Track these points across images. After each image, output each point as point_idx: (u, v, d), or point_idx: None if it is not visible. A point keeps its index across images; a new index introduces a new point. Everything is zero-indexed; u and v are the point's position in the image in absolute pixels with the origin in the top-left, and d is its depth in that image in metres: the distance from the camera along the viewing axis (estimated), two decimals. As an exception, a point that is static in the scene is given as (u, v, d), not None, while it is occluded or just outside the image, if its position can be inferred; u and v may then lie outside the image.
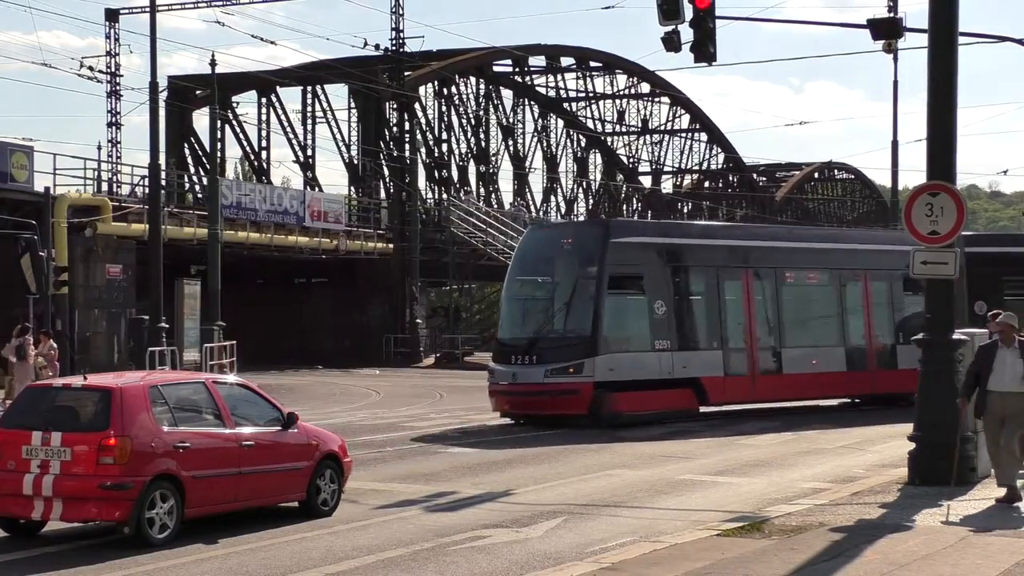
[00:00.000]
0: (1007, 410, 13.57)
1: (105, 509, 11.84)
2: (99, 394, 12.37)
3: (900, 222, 15.63)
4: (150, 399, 12.39)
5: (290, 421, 13.71)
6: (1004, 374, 13.57)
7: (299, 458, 13.64)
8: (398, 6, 56.92)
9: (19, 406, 13.16)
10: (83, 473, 11.82)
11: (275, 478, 13.40)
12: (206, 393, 13.14)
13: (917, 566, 10.33)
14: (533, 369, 23.75)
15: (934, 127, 15.06)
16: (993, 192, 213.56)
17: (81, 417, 12.37)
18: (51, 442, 11.97)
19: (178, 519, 12.20)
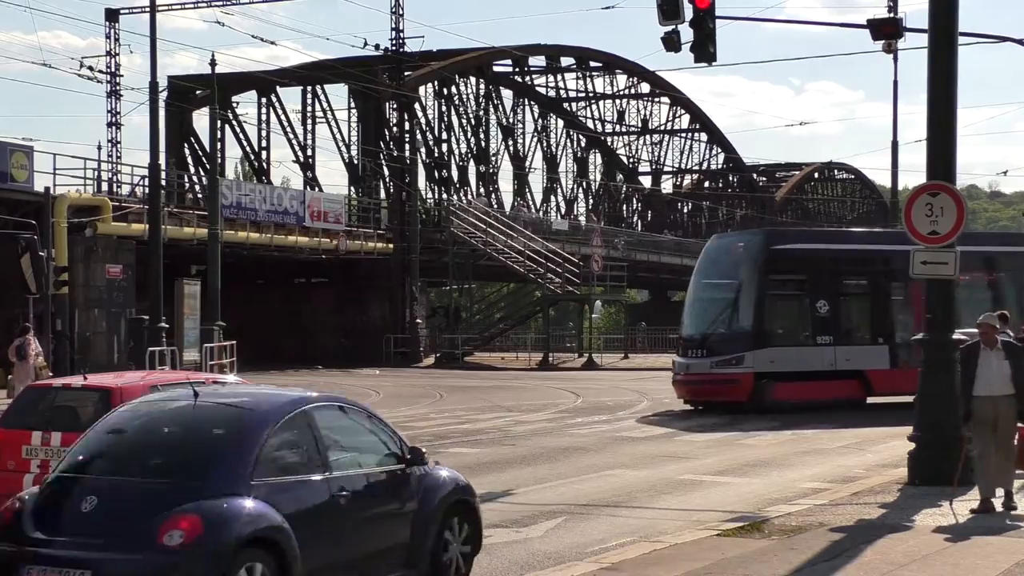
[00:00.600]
0: (998, 415, 13.06)
1: None
2: (99, 394, 12.12)
3: (901, 222, 15.62)
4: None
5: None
6: (992, 377, 13.03)
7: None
8: (398, 6, 56.95)
9: (19, 406, 12.98)
10: None
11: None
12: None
13: (917, 566, 10.33)
14: (702, 361, 27.11)
15: (934, 127, 15.06)
16: (993, 192, 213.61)
17: (81, 417, 11.98)
18: (51, 442, 11.82)
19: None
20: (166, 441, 8.98)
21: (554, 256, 52.79)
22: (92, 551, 7.99)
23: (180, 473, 8.46)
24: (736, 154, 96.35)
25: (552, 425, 24.55)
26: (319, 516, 8.76)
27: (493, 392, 34.59)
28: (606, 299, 65.06)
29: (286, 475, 8.70)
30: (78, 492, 8.44)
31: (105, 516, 8.21)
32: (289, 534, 8.39)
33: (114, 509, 8.25)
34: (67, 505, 8.38)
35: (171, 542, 7.90)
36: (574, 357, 54.32)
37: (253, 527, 8.19)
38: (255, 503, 8.29)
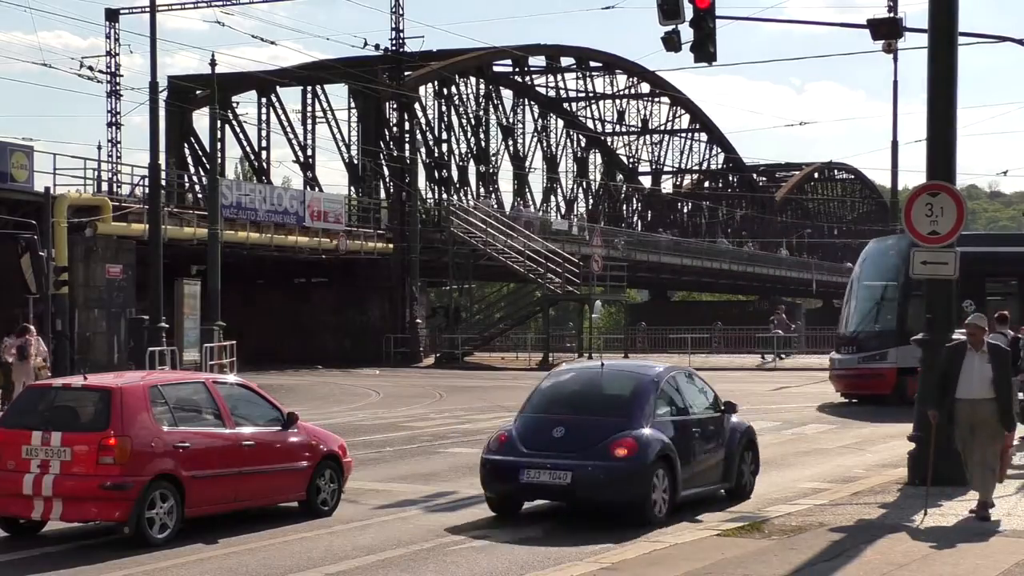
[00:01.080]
0: (976, 419, 12.70)
1: (105, 509, 11.82)
2: (99, 394, 12.35)
3: (900, 222, 15.61)
4: (150, 399, 12.38)
5: (290, 421, 13.72)
6: (973, 380, 12.67)
7: (299, 458, 13.66)
8: (398, 6, 56.93)
9: (19, 406, 13.19)
10: (83, 473, 11.79)
11: (275, 478, 13.41)
12: (206, 393, 13.12)
13: (917, 566, 10.33)
14: (851, 357, 29.48)
15: (934, 127, 15.07)
16: (993, 192, 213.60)
17: (81, 417, 12.34)
18: (51, 442, 11.96)
19: (178, 519, 12.16)
20: (597, 393, 13.85)
21: (554, 256, 52.78)
22: (569, 459, 12.78)
23: (613, 413, 13.24)
24: (736, 154, 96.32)
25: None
26: (684, 442, 13.50)
27: (493, 392, 34.58)
28: (606, 299, 65.04)
29: (666, 417, 13.47)
30: (547, 425, 13.26)
31: (572, 439, 12.98)
32: (675, 452, 13.15)
33: (577, 435, 13.01)
34: (542, 433, 13.19)
35: (619, 455, 12.73)
36: (574, 357, 54.29)
37: (661, 447, 12.99)
38: (657, 433, 13.09)
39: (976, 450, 12.79)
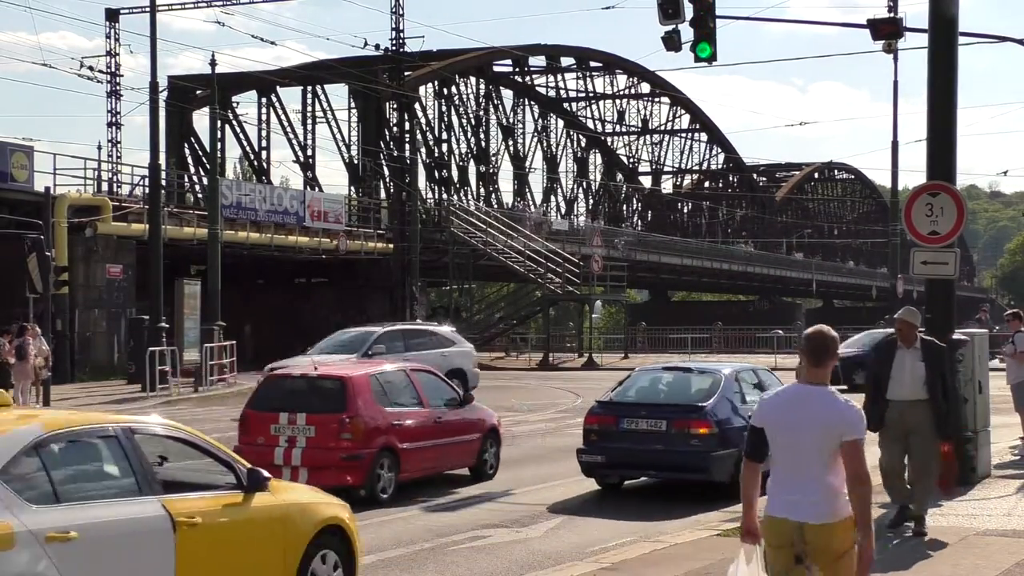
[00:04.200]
0: (909, 422, 11.57)
1: (344, 475, 14.17)
2: (335, 382, 15.15)
3: (900, 222, 15.62)
4: (371, 385, 15.19)
5: (466, 401, 16.74)
6: (904, 379, 11.59)
7: (473, 431, 16.61)
8: (398, 6, 56.92)
9: (264, 392, 15.73)
10: (325, 446, 14.39)
11: (459, 447, 16.28)
12: (407, 379, 16.00)
13: (917, 566, 10.33)
14: None
15: (934, 127, 15.06)
16: (993, 192, 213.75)
17: (321, 401, 14.98)
18: (296, 421, 14.66)
19: (395, 483, 14.81)
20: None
21: (554, 256, 52.77)
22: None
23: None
24: (736, 154, 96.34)
25: (552, 425, 24.54)
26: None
27: (493, 392, 34.55)
28: (606, 299, 65.04)
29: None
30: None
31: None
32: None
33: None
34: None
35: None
36: (574, 357, 54.31)
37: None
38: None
39: (912, 458, 11.71)
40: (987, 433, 14.97)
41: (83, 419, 7.71)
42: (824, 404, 6.25)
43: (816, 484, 6.25)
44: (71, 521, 6.91)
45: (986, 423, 14.94)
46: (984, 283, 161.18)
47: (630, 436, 14.89)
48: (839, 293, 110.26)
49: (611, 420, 15.17)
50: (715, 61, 19.19)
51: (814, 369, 6.39)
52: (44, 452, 7.08)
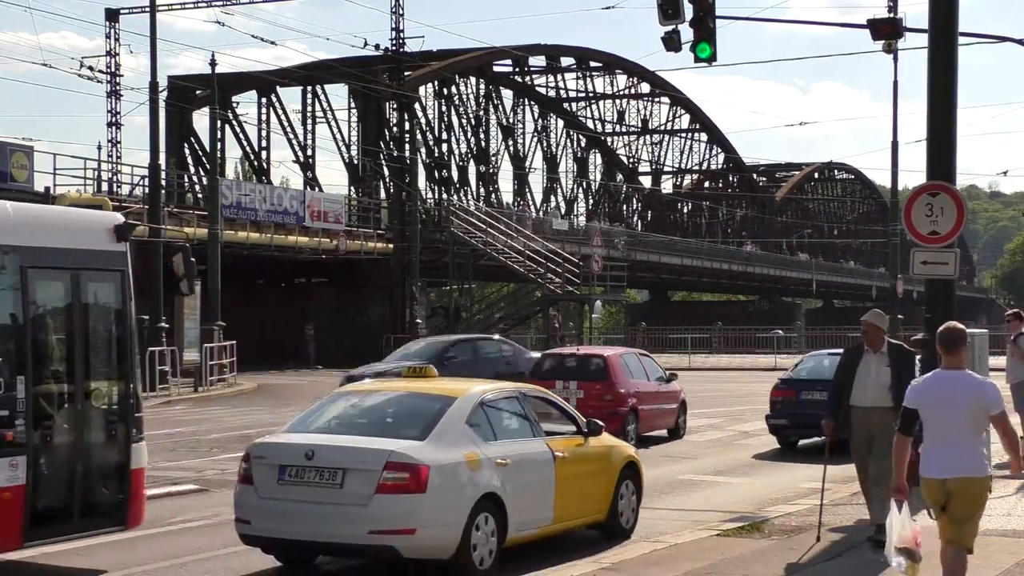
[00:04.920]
0: (872, 429, 11.23)
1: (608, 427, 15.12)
2: (599, 359, 21.49)
3: (900, 222, 15.62)
4: (622, 362, 21.47)
5: (672, 378, 22.93)
6: (867, 385, 11.26)
7: (674, 400, 22.63)
8: (398, 6, 56.90)
9: (542, 364, 22.40)
10: (592, 406, 18.67)
11: (666, 413, 22.25)
12: (638, 360, 22.55)
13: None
14: None
15: (934, 127, 15.04)
16: (993, 192, 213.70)
17: (588, 372, 21.06)
18: (569, 387, 20.43)
19: (636, 435, 20.15)
20: None
21: (554, 256, 52.76)
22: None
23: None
24: (736, 154, 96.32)
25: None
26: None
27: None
28: (606, 299, 65.04)
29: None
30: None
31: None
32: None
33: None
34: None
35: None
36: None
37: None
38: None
39: (872, 465, 11.33)
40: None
41: (498, 387, 11.95)
42: (970, 385, 7.99)
43: (964, 449, 7.96)
44: (505, 452, 10.87)
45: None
46: (984, 283, 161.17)
47: (808, 404, 19.23)
48: (839, 293, 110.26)
49: (792, 393, 20.21)
50: (715, 61, 19.18)
51: (949, 357, 8.08)
52: (486, 408, 11.07)
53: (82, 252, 10.84)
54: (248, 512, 10.51)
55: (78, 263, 10.77)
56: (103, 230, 11.13)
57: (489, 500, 10.45)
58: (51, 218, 11.21)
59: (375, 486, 9.94)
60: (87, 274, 10.90)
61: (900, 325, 47.19)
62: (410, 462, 9.98)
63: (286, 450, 10.52)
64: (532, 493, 11.06)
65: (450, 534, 10.09)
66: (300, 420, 11.26)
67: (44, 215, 11.24)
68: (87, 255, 10.88)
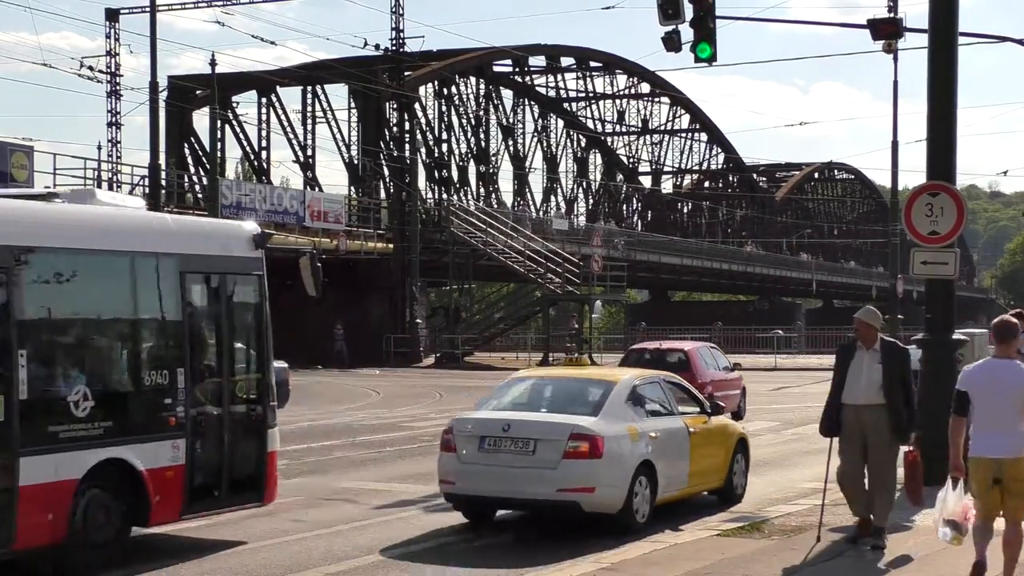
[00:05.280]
0: (865, 428, 11.09)
1: None
2: (681, 352, 24.83)
3: (900, 222, 15.63)
4: (701, 355, 24.98)
5: (735, 367, 26.72)
6: (859, 383, 11.09)
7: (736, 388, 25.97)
8: (398, 6, 56.89)
9: (630, 358, 25.34)
10: None
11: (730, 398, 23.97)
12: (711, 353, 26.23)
13: (917, 566, 10.34)
14: None
15: (934, 127, 15.05)
16: (993, 192, 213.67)
17: (671, 364, 22.96)
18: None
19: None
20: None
21: (554, 256, 52.75)
22: None
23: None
24: (736, 154, 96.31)
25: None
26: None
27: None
28: (606, 299, 65.04)
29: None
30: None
31: None
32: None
33: None
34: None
35: None
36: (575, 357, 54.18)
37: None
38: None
39: (871, 467, 11.23)
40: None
41: (644, 373, 14.87)
42: (1018, 373, 8.85)
43: (1011, 430, 8.78)
44: (654, 427, 13.08)
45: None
46: (984, 283, 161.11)
47: None
48: (839, 293, 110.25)
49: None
50: (715, 61, 19.18)
51: (1001, 347, 9.07)
52: (637, 390, 13.33)
53: (227, 258, 12.50)
54: (452, 475, 12.76)
55: (224, 268, 12.44)
56: (244, 238, 12.82)
57: (645, 466, 12.66)
58: (203, 228, 13.23)
59: (562, 453, 12.24)
60: (232, 278, 12.56)
61: (900, 325, 47.26)
62: (590, 433, 12.32)
63: (485, 424, 12.82)
64: (674, 461, 13.27)
65: (618, 493, 12.34)
66: (487, 400, 13.75)
67: (198, 226, 13.36)
68: (231, 261, 12.56)
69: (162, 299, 11.74)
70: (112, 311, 11.48)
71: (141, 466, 11.11)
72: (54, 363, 10.73)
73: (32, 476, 10.17)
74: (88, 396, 10.67)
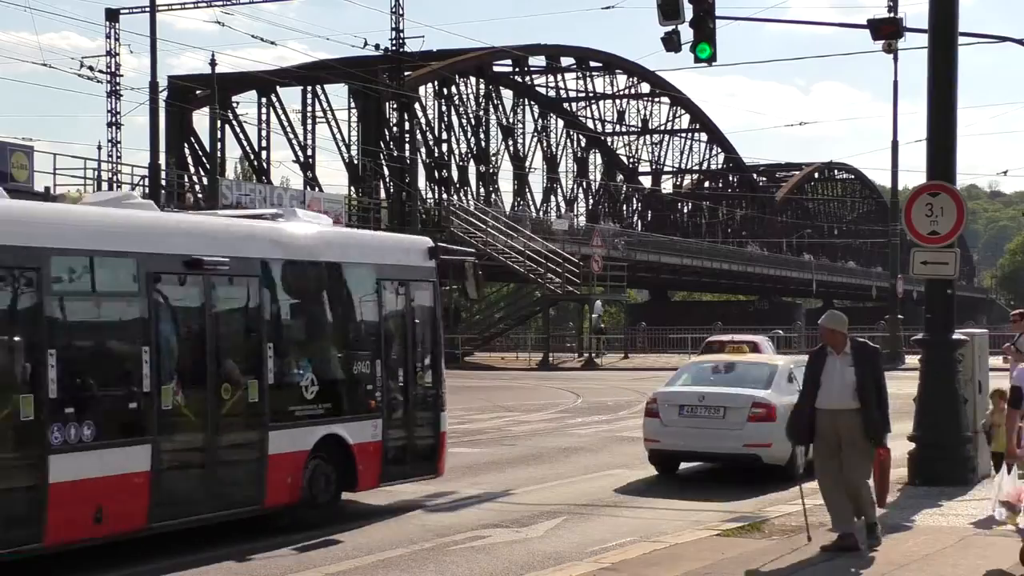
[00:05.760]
0: (840, 432, 10.90)
1: None
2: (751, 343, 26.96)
3: (900, 222, 15.64)
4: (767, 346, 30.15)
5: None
6: (833, 387, 10.92)
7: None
8: (398, 6, 56.87)
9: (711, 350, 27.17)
10: None
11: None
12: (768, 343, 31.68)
13: (917, 566, 10.34)
14: None
15: (934, 127, 15.06)
16: (993, 192, 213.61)
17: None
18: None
19: None
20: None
21: (554, 256, 52.74)
22: None
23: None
24: (736, 154, 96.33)
25: (552, 425, 24.55)
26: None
27: (493, 392, 34.59)
28: (606, 299, 65.04)
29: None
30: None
31: None
32: None
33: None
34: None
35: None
36: (574, 357, 54.28)
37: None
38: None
39: (846, 470, 10.96)
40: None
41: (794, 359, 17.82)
42: None
43: None
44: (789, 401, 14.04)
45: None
46: (984, 283, 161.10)
47: None
48: (839, 293, 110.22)
49: None
50: (715, 62, 19.15)
51: None
52: (792, 370, 16.25)
53: (410, 267, 14.81)
54: (656, 436, 16.70)
55: (408, 276, 14.72)
56: (422, 251, 15.12)
57: None
58: (392, 242, 16.56)
59: (746, 417, 16.13)
60: (413, 284, 14.78)
61: (900, 325, 47.25)
62: (767, 402, 16.15)
63: (683, 396, 16.77)
64: None
65: (786, 448, 15.13)
66: (675, 378, 17.94)
67: (388, 240, 17.17)
68: (413, 270, 14.83)
69: (365, 302, 14.16)
70: (332, 311, 13.94)
71: (351, 441, 13.51)
72: (291, 355, 13.10)
73: (278, 447, 12.56)
74: (314, 382, 13.11)
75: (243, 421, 12.38)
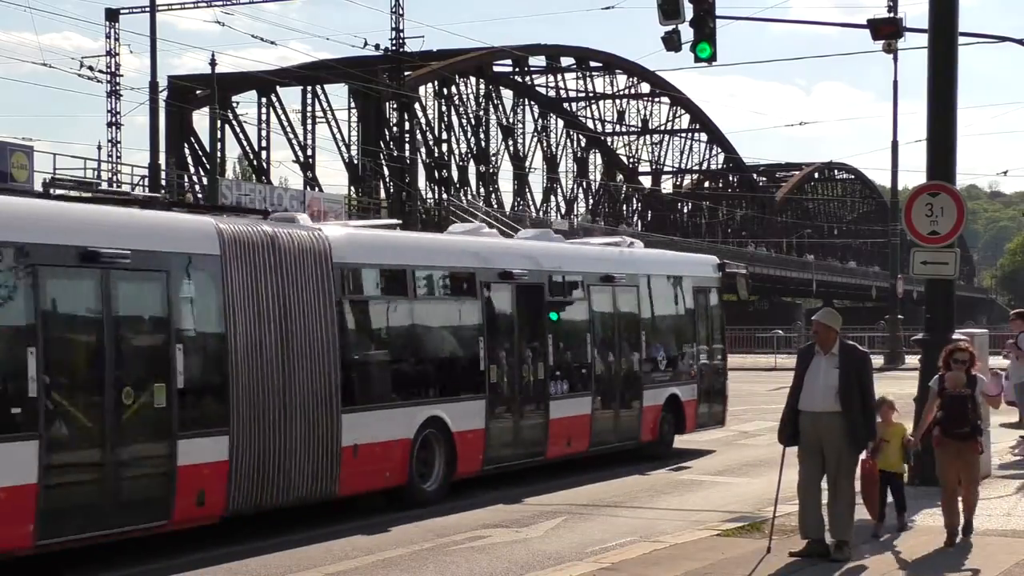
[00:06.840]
0: (822, 436, 10.49)
1: None
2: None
3: (900, 222, 15.63)
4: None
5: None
6: (816, 389, 10.49)
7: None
8: (398, 6, 56.83)
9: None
10: None
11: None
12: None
13: (917, 566, 10.33)
14: None
15: (934, 127, 15.05)
16: (993, 192, 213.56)
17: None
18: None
19: None
20: None
21: (554, 256, 52.66)
22: None
23: None
24: (736, 154, 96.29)
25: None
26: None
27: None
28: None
29: None
30: None
31: None
32: None
33: None
34: None
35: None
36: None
37: None
38: None
39: (829, 476, 10.64)
40: (987, 434, 14.94)
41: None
42: None
43: None
44: None
45: (986, 423, 14.91)
46: (984, 283, 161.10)
47: None
48: (839, 293, 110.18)
49: None
50: (715, 61, 19.15)
51: None
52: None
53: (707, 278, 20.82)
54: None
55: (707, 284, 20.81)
56: (713, 265, 21.25)
57: None
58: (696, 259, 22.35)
59: None
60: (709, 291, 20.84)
61: (900, 325, 47.25)
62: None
63: None
64: None
65: None
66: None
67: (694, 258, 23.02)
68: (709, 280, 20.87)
69: (687, 302, 20.13)
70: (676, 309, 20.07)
71: (683, 398, 19.84)
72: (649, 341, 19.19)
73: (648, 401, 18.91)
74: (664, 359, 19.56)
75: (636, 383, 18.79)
